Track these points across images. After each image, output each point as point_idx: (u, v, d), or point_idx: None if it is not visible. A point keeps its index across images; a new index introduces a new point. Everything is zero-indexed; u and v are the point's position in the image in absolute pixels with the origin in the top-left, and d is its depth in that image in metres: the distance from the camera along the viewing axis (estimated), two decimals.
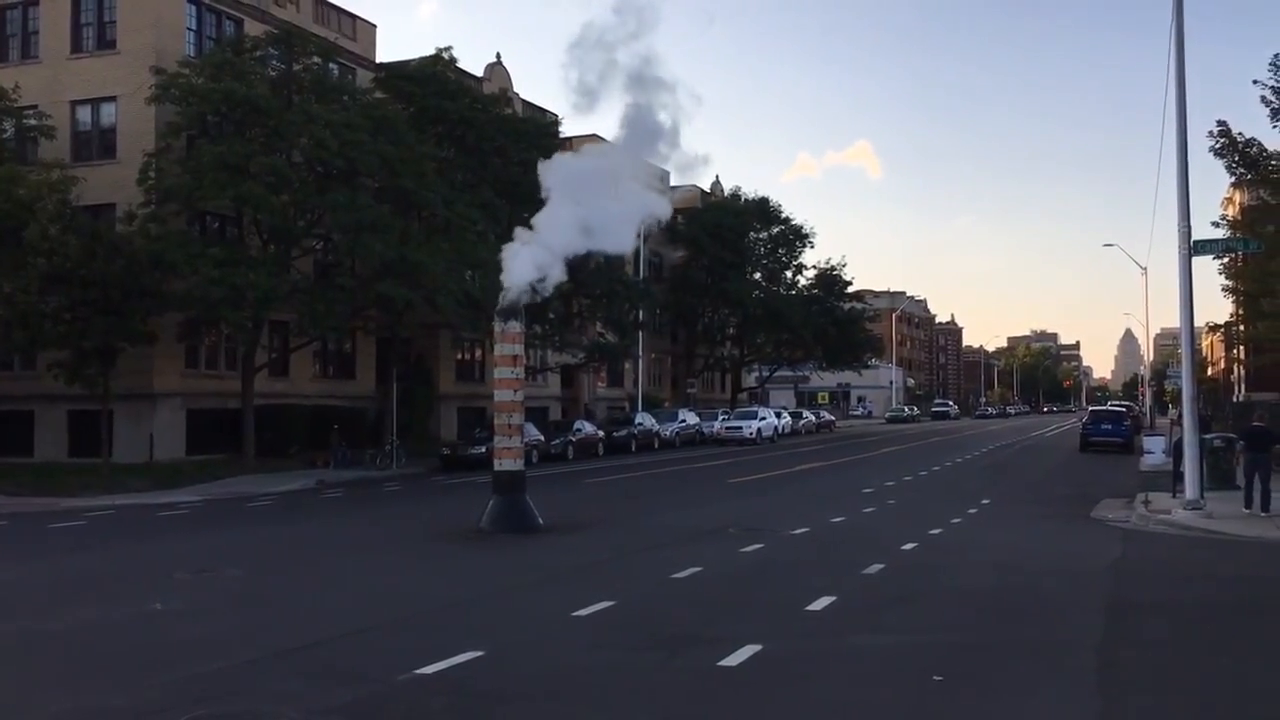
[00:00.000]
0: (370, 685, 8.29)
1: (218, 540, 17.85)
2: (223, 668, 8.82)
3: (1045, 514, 21.30)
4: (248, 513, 22.47)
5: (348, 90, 34.94)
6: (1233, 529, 18.14)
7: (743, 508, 21.97)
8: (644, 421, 47.74)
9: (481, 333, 37.70)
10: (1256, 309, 21.38)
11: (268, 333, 34.20)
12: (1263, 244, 21.46)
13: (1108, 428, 44.95)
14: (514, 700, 7.98)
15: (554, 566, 14.56)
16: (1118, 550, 16.11)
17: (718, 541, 16.61)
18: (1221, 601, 12.22)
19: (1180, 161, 20.19)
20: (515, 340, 18.36)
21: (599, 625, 10.48)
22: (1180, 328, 21.12)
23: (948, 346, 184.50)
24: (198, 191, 29.76)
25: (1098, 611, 11.30)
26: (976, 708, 7.83)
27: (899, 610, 11.43)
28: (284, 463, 32.81)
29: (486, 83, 45.79)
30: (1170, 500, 21.24)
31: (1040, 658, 9.34)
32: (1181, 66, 20.24)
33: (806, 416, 70.71)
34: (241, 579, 13.47)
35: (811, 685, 8.39)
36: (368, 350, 40.57)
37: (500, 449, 18.18)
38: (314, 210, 32.37)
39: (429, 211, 34.77)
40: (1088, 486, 26.96)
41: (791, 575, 13.54)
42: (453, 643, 9.39)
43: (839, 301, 68.94)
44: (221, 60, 31.04)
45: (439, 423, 43.15)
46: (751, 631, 9.90)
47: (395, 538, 17.84)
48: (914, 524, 18.79)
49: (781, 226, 66.17)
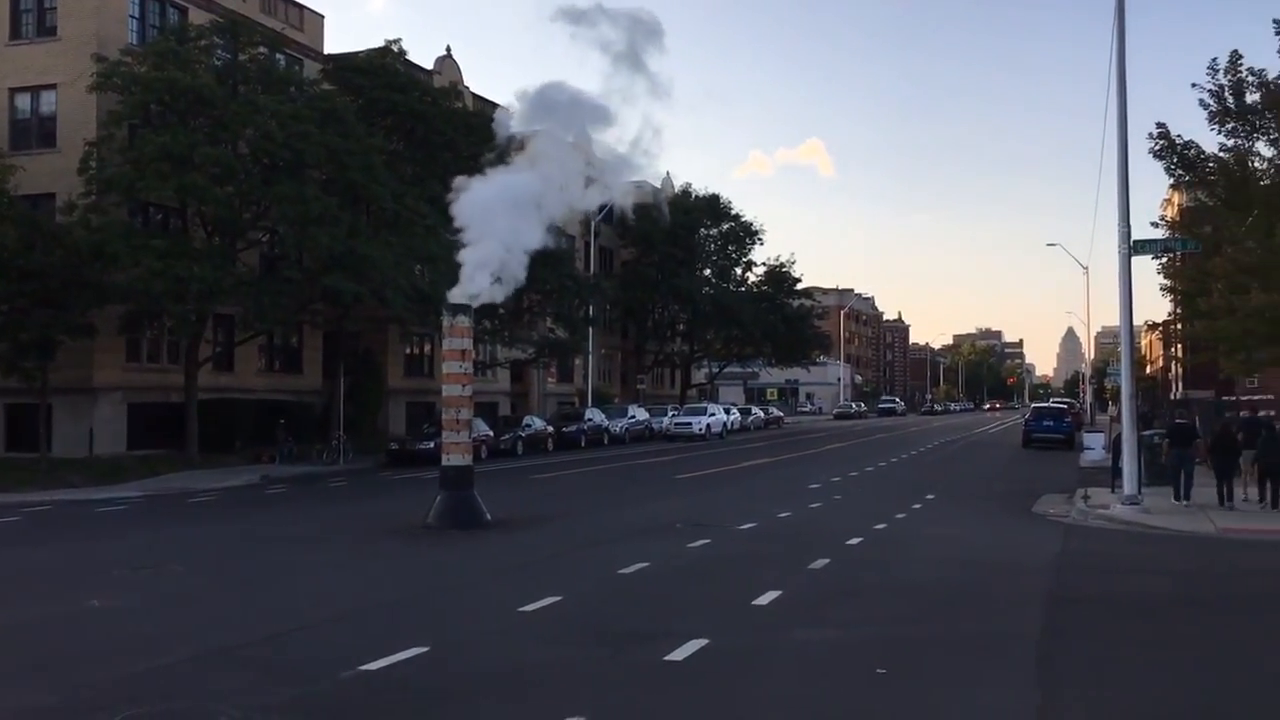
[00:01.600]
0: (313, 682, 8.21)
1: (158, 536, 17.59)
2: (161, 665, 8.69)
3: (988, 509, 21.61)
4: (190, 509, 22.15)
5: (295, 81, 34.50)
6: (1169, 524, 18.52)
7: (691, 503, 22.04)
8: (594, 417, 47.73)
9: (431, 327, 37.42)
10: (1194, 308, 21.83)
11: (212, 326, 33.72)
12: (1200, 244, 21.91)
13: (1049, 424, 45.68)
14: (458, 696, 7.95)
15: (501, 562, 14.52)
16: (1058, 544, 16.39)
17: (665, 537, 16.66)
18: (1158, 595, 12.47)
19: (1120, 163, 20.57)
20: (464, 335, 18.26)
21: (545, 621, 10.47)
22: (1120, 326, 21.50)
23: (895, 344, 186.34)
24: (140, 182, 29.23)
25: (1038, 605, 11.48)
26: (918, 700, 7.92)
27: (844, 604, 11.54)
28: (228, 458, 32.38)
29: (437, 76, 45.45)
30: (1109, 495, 21.62)
31: (981, 650, 9.47)
32: (1122, 71, 20.61)
33: (755, 413, 71.06)
34: (182, 575, 13.28)
35: (757, 679, 8.45)
36: (315, 344, 40.14)
37: (448, 444, 18.08)
38: (260, 202, 31.94)
39: (378, 205, 34.45)
40: (1030, 482, 27.38)
41: (738, 570, 13.61)
42: (397, 639, 9.33)
43: (788, 298, 69.41)
44: (165, 49, 30.51)
45: (387, 418, 42.81)
46: (698, 626, 9.93)
47: (341, 533, 17.68)
48: (859, 519, 18.96)
49: (732, 223, 66.50)
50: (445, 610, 11.19)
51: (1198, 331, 22.19)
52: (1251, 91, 19.60)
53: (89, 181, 29.75)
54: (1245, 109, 19.86)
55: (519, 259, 18.53)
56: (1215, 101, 20.01)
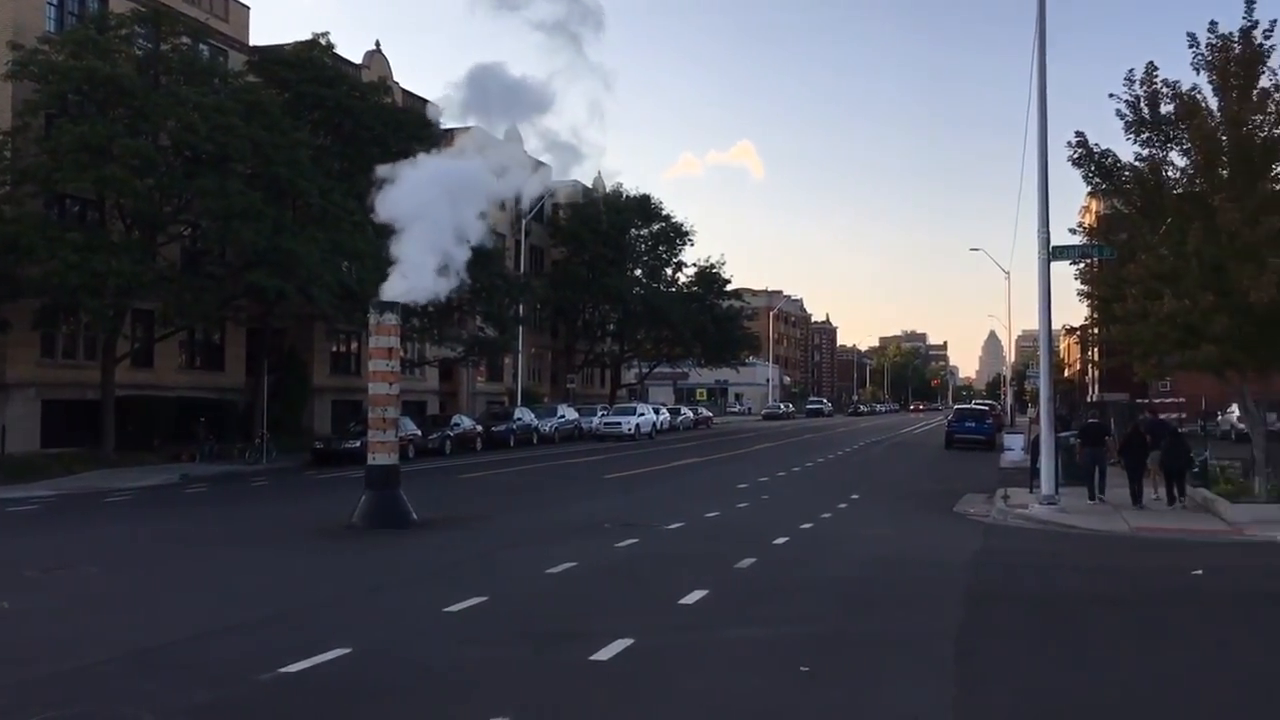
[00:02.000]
0: (231, 685, 8.08)
1: (73, 537, 17.16)
2: (74, 668, 8.48)
3: (911, 508, 21.96)
4: (106, 508, 21.63)
5: (219, 73, 33.88)
6: (1085, 522, 18.99)
7: (619, 503, 22.08)
8: (523, 417, 47.54)
9: (358, 325, 36.99)
10: (1109, 313, 22.39)
11: (131, 321, 32.93)
12: (1115, 251, 22.47)
13: (971, 425, 46.55)
14: (380, 697, 7.87)
15: (426, 562, 14.41)
16: (978, 543, 16.72)
17: (593, 536, 16.66)
18: (1073, 592, 12.78)
19: (1040, 171, 21.07)
20: (391, 333, 18.09)
21: (470, 621, 10.42)
22: (1039, 330, 21.99)
23: (823, 345, 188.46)
24: (56, 173, 28.47)
25: (958, 602, 11.70)
26: (841, 696, 8.03)
27: (769, 603, 11.65)
28: (147, 457, 31.67)
29: (365, 70, 44.93)
30: (1028, 495, 22.11)
31: (902, 647, 9.63)
32: (1043, 81, 21.11)
33: (685, 413, 71.37)
34: (97, 577, 12.98)
35: (682, 677, 8.50)
36: (238, 341, 39.41)
37: (374, 443, 17.90)
38: (181, 196, 31.28)
39: (304, 200, 33.95)
40: (952, 482, 27.87)
41: (665, 569, 13.67)
42: (319, 640, 9.22)
43: (718, 299, 69.88)
44: (84, 37, 29.72)
45: (313, 416, 42.19)
46: (624, 625, 9.95)
47: (262, 534, 17.40)
48: (786, 518, 19.15)
49: (662, 224, 66.73)
50: (369, 611, 11.07)
51: (1113, 336, 22.75)
52: (1166, 103, 20.15)
53: (3, 172, 28.93)
54: (1160, 119, 20.40)
55: (460, 250, 18.40)
56: (1131, 112, 20.53)
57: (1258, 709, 8.02)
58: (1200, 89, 20.23)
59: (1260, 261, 18.21)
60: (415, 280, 18.17)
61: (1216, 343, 18.97)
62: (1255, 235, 18.41)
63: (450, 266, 18.45)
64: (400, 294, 18.34)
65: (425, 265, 18.15)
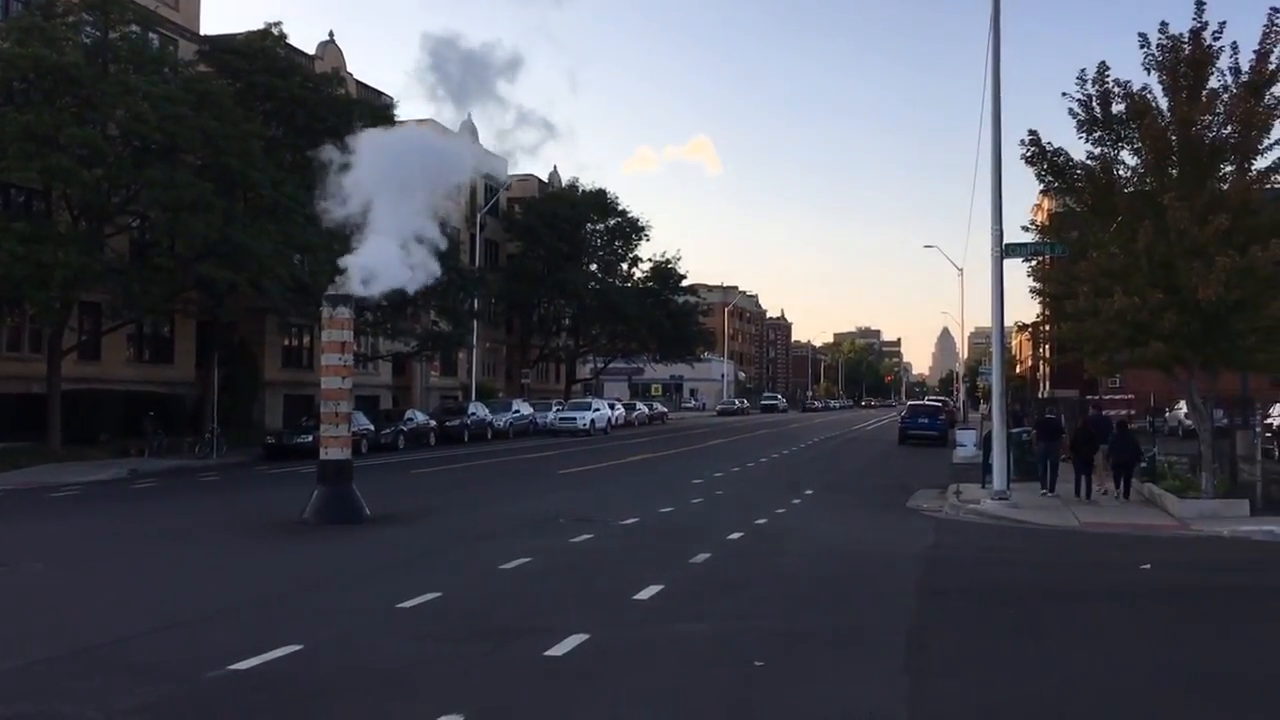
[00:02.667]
0: (179, 683, 7.93)
1: (16, 532, 16.81)
2: (18, 666, 8.29)
3: (865, 504, 22.10)
4: (51, 504, 21.21)
5: (169, 62, 33.33)
6: (1036, 518, 19.21)
7: (574, 498, 22.01)
8: (477, 411, 47.34)
9: (310, 318, 36.60)
10: (1061, 310, 22.64)
11: (78, 314, 32.35)
12: (1067, 248, 22.71)
13: (924, 421, 46.99)
14: (331, 694, 7.77)
15: (379, 558, 14.28)
16: (930, 538, 16.85)
17: (547, 532, 16.59)
18: (1024, 586, 12.91)
19: (994, 169, 21.25)
20: (344, 326, 17.91)
21: (423, 617, 10.32)
22: (991, 326, 22.21)
23: (777, 341, 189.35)
24: (1, 163, 27.87)
25: (910, 597, 11.77)
26: (794, 690, 8.04)
27: (724, 598, 11.66)
28: (94, 451, 31.13)
29: (319, 61, 44.44)
30: (980, 491, 22.33)
31: (855, 641, 9.67)
32: (997, 78, 21.29)
33: (639, 408, 71.45)
34: (41, 573, 12.71)
35: (637, 672, 8.47)
36: (187, 334, 38.85)
37: (327, 438, 17.71)
38: (130, 186, 30.77)
39: (255, 192, 33.51)
40: (905, 477, 28.10)
41: (620, 565, 13.65)
42: (269, 637, 9.08)
43: (673, 295, 69.96)
44: (30, 24, 29.08)
45: (264, 410, 41.71)
46: (578, 621, 9.91)
47: (212, 529, 17.12)
48: (740, 514, 19.19)
49: (618, 219, 66.69)
50: (320, 608, 10.93)
51: (1064, 333, 22.97)
52: (1118, 102, 20.35)
53: None
54: (1111, 119, 20.61)
55: (429, 237, 18.29)
56: (1084, 111, 20.72)
57: (1208, 699, 8.13)
58: (1151, 89, 20.47)
59: (1208, 259, 18.47)
60: (378, 266, 17.93)
61: (1165, 340, 19.23)
62: (1204, 234, 18.68)
63: (413, 252, 18.25)
64: (361, 278, 18.05)
65: (387, 251, 17.94)
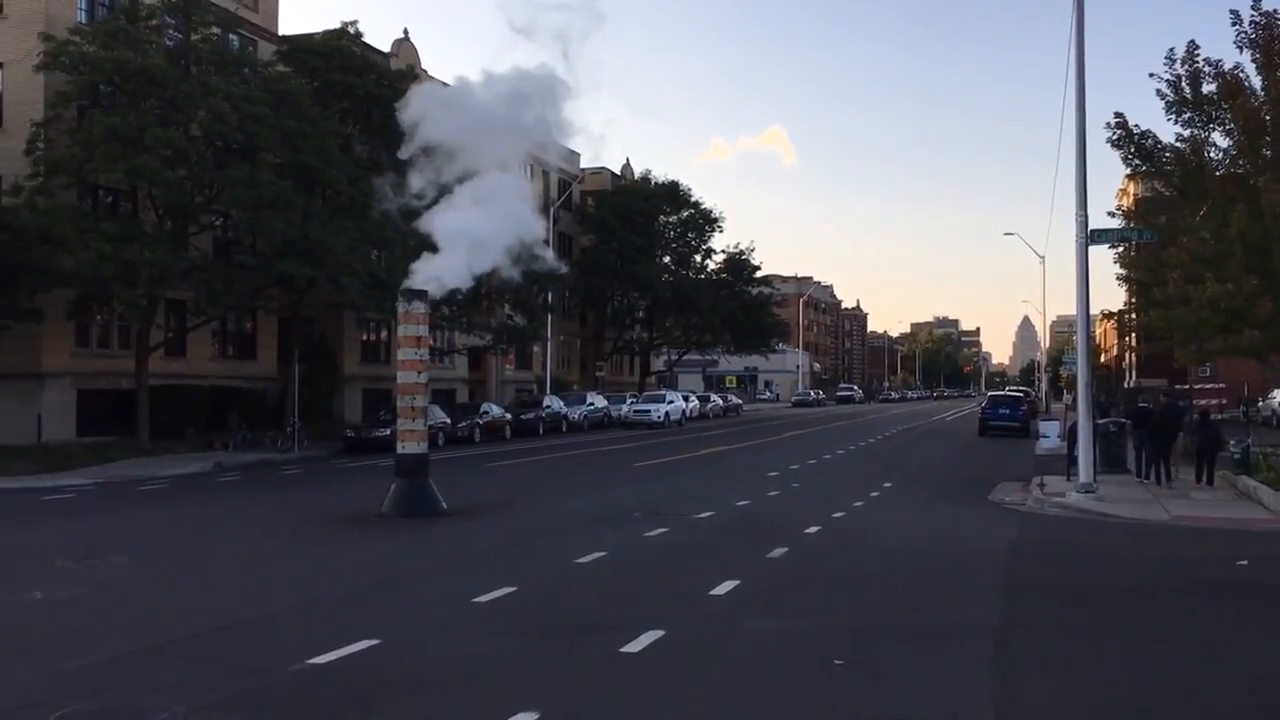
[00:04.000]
0: (258, 676, 8.00)
1: (105, 526, 17.22)
2: (102, 659, 8.44)
3: (945, 497, 21.67)
4: (139, 497, 21.73)
5: (248, 63, 33.92)
6: (1124, 511, 18.65)
7: (648, 492, 21.93)
8: (552, 404, 47.52)
9: (387, 313, 37.03)
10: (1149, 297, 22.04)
11: (164, 311, 33.13)
12: (1156, 234, 22.06)
13: (1005, 412, 46.07)
14: (409, 689, 7.77)
15: (455, 552, 14.33)
16: (1014, 532, 16.45)
17: (622, 526, 16.53)
18: (1114, 583, 12.49)
19: (1079, 153, 20.58)
20: (419, 321, 18.01)
21: (499, 612, 10.31)
22: (1076, 315, 21.62)
23: (853, 332, 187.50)
24: (89, 164, 28.61)
25: (994, 593, 11.48)
26: (875, 690, 7.85)
27: (801, 594, 11.47)
28: (180, 445, 31.86)
29: (393, 59, 44.91)
30: (1065, 483, 21.79)
31: (938, 640, 9.43)
32: (1081, 59, 20.63)
33: (714, 400, 71.18)
34: (127, 566, 12.97)
35: (714, 670, 8.34)
36: (269, 330, 39.58)
37: (404, 432, 17.84)
38: (212, 186, 31.39)
39: (333, 189, 33.99)
40: (985, 470, 27.54)
41: (695, 559, 13.52)
42: (347, 631, 9.14)
43: (747, 286, 69.45)
44: (115, 28, 29.82)
45: (343, 405, 42.35)
46: (654, 617, 9.81)
47: (293, 522, 17.38)
48: (818, 507, 18.94)
49: (691, 210, 66.35)
50: (397, 601, 10.99)
51: (1153, 321, 22.41)
52: (1208, 82, 19.74)
53: (36, 163, 29.12)
54: (1202, 99, 19.99)
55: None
56: (1172, 92, 20.13)
57: None
58: (1244, 68, 19.81)
59: None
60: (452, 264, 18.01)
61: (1260, 327, 18.62)
62: None
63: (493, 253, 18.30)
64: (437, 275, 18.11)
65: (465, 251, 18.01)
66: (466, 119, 18.12)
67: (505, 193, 18.37)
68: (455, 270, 18.03)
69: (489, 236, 17.88)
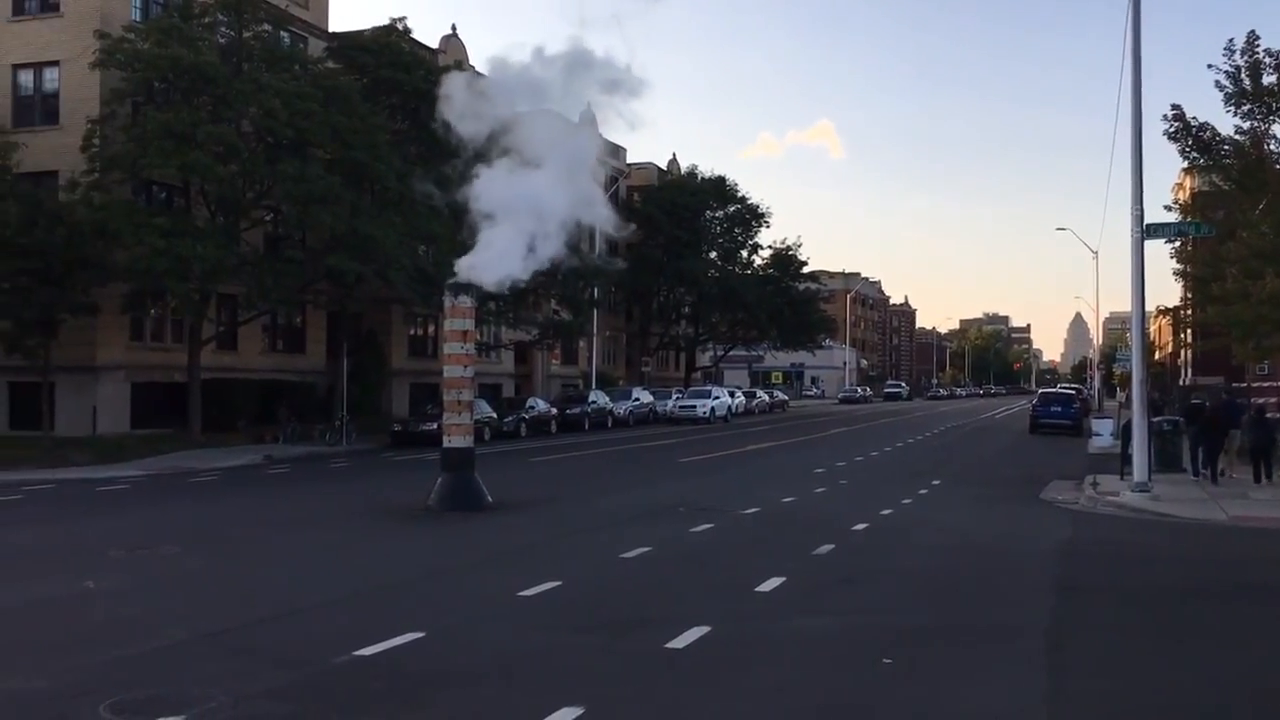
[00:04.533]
0: (305, 667, 8.04)
1: (158, 516, 17.45)
2: (152, 649, 8.52)
3: (995, 495, 21.37)
4: (191, 488, 22.01)
5: (299, 59, 34.25)
6: (1180, 511, 18.29)
7: (694, 487, 21.86)
8: (598, 399, 47.55)
9: (434, 308, 37.25)
10: (1207, 293, 21.59)
11: (215, 305, 33.57)
12: (1213, 229, 21.60)
13: (1057, 410, 45.42)
14: (454, 682, 7.77)
15: (500, 546, 14.34)
16: (1067, 532, 16.17)
17: (668, 521, 16.47)
18: (1169, 584, 12.24)
19: (1134, 146, 20.20)
20: (466, 315, 18.05)
21: (544, 606, 10.29)
22: (1131, 311, 21.20)
23: (901, 328, 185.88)
24: (143, 160, 29.04)
25: (1047, 593, 11.28)
26: (925, 690, 7.72)
27: (849, 591, 11.35)
28: (231, 437, 32.26)
29: (442, 55, 45.14)
30: (1119, 482, 21.42)
31: (990, 639, 9.27)
32: (1137, 51, 20.25)
33: (760, 396, 70.88)
34: (178, 556, 13.11)
35: (760, 668, 8.25)
36: (318, 324, 39.98)
37: (450, 426, 17.89)
38: (263, 181, 31.75)
39: (381, 185, 34.23)
40: (1037, 468, 27.14)
41: (741, 555, 13.42)
42: (393, 623, 9.16)
43: (794, 282, 69.05)
44: (168, 25, 30.24)
45: (391, 398, 42.68)
46: (699, 613, 9.74)
47: (341, 515, 17.52)
48: (865, 504, 18.76)
49: (738, 205, 66.10)
50: (443, 594, 11.01)
51: (1210, 317, 21.95)
52: (1269, 73, 19.26)
53: (92, 159, 29.59)
54: (1262, 91, 19.52)
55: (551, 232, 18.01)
56: (1231, 83, 19.68)
57: None
58: None
59: None
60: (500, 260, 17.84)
61: None
62: None
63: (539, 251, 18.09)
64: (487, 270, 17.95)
65: (514, 249, 17.87)
66: (503, 106, 17.90)
67: (562, 156, 17.88)
68: (510, 255, 17.74)
69: (546, 208, 17.48)
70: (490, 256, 17.71)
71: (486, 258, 17.73)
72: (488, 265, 17.71)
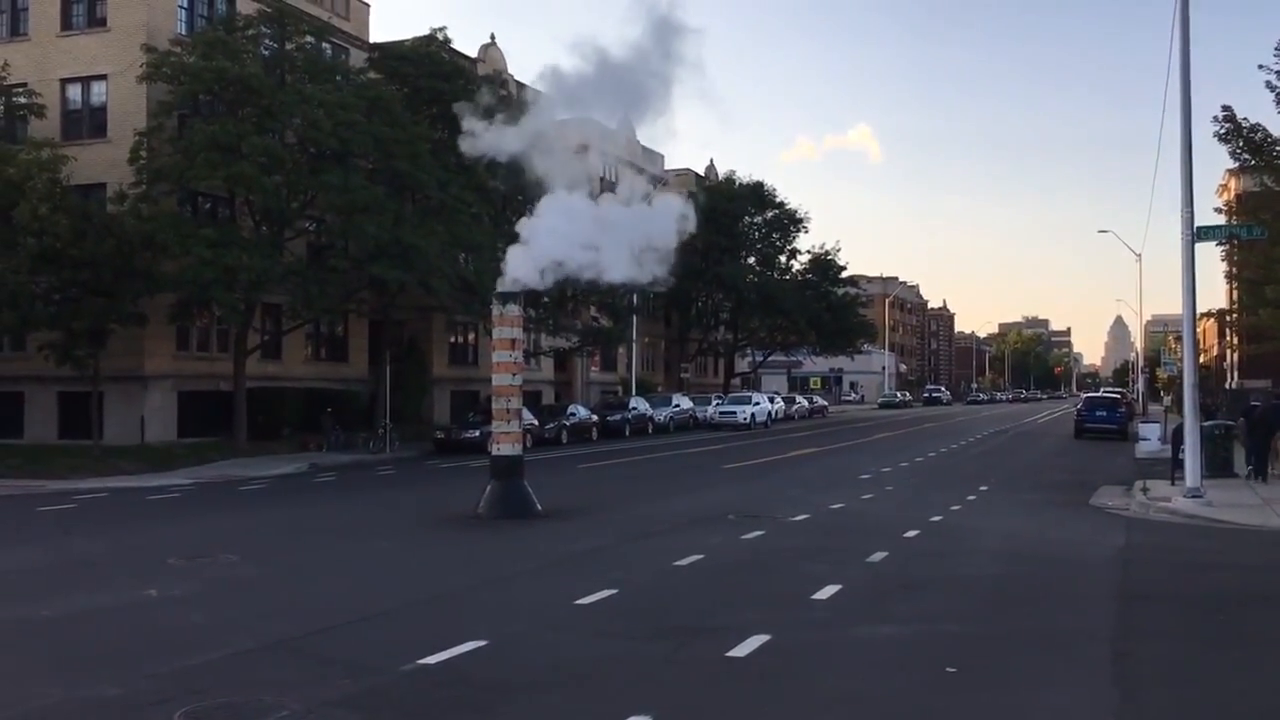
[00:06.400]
0: (373, 676, 8.10)
1: (211, 525, 17.63)
2: (220, 657, 8.62)
3: (1045, 500, 21.19)
4: (240, 496, 22.24)
5: (341, 70, 34.55)
6: (1234, 517, 18.04)
7: (740, 493, 21.81)
8: (638, 406, 47.57)
9: (475, 316, 37.46)
10: (1258, 296, 21.27)
11: (260, 315, 33.88)
12: (1265, 231, 21.31)
13: (1102, 414, 45.01)
14: (520, 692, 7.80)
15: (554, 553, 14.37)
16: (1122, 538, 16.00)
17: (717, 528, 16.45)
18: (1231, 591, 12.08)
19: (1184, 147, 19.97)
20: (514, 324, 18.11)
21: (602, 614, 10.31)
22: (1182, 314, 20.95)
23: (940, 332, 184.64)
24: (189, 171, 29.37)
25: (1108, 601, 11.16)
26: (992, 699, 7.67)
27: (906, 599, 11.28)
28: (276, 446, 32.54)
29: (481, 64, 45.38)
30: (1169, 488, 21.15)
31: (1053, 648, 9.18)
32: (1186, 52, 20.02)
33: (799, 402, 70.66)
34: (236, 565, 13.25)
35: (823, 676, 8.23)
36: (360, 333, 40.26)
37: (499, 434, 17.94)
38: (307, 191, 32.03)
39: (423, 194, 34.45)
40: (1084, 473, 26.88)
41: (795, 563, 13.38)
42: (455, 632, 9.21)
43: (833, 286, 68.71)
44: (214, 39, 30.60)
45: (432, 406, 42.89)
46: (758, 621, 9.73)
47: (392, 523, 17.64)
48: (914, 510, 18.65)
49: (776, 210, 65.88)
50: (501, 602, 11.05)
51: (1263, 320, 21.63)
52: None
53: (139, 171, 29.95)
54: None
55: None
56: None
57: None
58: None
59: None
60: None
61: None
62: None
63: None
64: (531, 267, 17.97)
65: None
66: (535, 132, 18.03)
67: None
68: (564, 239, 17.69)
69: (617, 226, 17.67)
70: (548, 237, 17.60)
71: (546, 226, 17.62)
72: (543, 240, 17.58)
